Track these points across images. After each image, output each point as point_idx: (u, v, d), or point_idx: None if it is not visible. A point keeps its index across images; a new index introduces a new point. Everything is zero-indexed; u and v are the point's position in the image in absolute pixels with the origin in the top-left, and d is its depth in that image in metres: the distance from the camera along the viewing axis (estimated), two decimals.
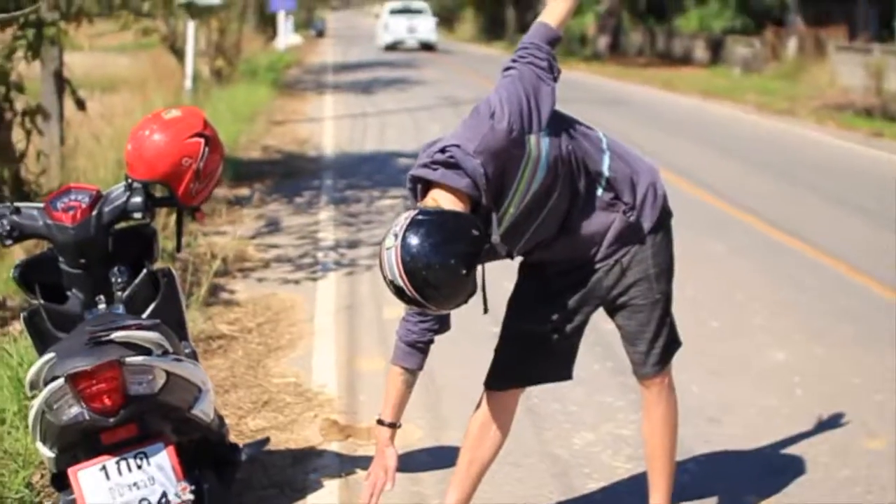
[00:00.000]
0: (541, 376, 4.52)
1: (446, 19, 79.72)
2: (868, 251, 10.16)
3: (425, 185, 3.94)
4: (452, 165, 3.86)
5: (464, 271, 3.68)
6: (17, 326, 7.04)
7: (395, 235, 3.65)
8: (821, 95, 25.31)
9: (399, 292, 3.68)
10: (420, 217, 3.69)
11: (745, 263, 9.84)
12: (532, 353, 4.39)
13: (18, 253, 8.00)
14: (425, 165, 3.92)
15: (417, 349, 4.28)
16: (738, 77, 32.28)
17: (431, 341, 4.29)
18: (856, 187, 13.92)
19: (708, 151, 17.16)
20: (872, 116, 21.66)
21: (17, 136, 9.83)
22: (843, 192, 13.48)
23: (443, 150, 3.88)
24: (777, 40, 34.67)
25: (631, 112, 22.83)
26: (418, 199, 3.95)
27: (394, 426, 4.39)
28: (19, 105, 9.89)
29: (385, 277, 3.70)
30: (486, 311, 3.99)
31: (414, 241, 3.62)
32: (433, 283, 3.65)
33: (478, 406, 4.50)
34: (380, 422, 4.40)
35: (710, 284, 9.13)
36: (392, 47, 49.83)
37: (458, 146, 3.87)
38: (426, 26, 50.75)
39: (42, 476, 5.06)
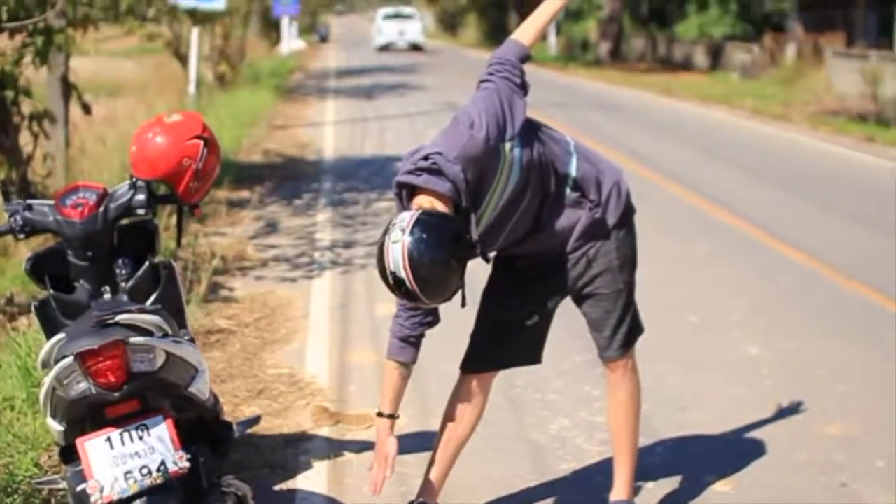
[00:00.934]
0: (512, 360, 4.88)
1: (449, 24, 79.99)
2: (846, 251, 10.47)
3: (410, 190, 4.30)
4: (435, 171, 4.22)
5: (457, 268, 4.09)
6: (24, 321, 7.39)
7: (403, 231, 4.00)
8: (817, 101, 25.63)
9: (398, 283, 4.03)
10: (425, 217, 4.05)
11: (727, 264, 10.17)
12: (504, 339, 4.76)
13: (23, 252, 8.35)
14: (410, 172, 4.28)
15: (410, 343, 4.61)
16: (736, 83, 32.54)
17: (422, 335, 4.62)
18: (841, 190, 14.25)
19: (699, 155, 17.49)
20: (866, 122, 21.92)
21: (25, 139, 10.13)
22: (829, 194, 13.81)
23: (426, 158, 4.24)
24: (776, 46, 34.98)
25: (627, 117, 23.16)
26: (404, 204, 4.31)
27: (392, 417, 4.70)
28: (27, 109, 10.18)
29: (386, 269, 4.04)
30: (463, 305, 4.33)
31: (422, 237, 3.98)
32: (432, 277, 4.02)
33: (455, 389, 4.85)
34: (379, 414, 4.72)
35: (692, 283, 9.48)
36: (385, 48, 55.39)
37: (440, 153, 4.23)
38: (414, 29, 57.21)
39: (49, 457, 5.40)
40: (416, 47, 56.18)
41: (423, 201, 4.22)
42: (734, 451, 5.87)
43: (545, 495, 5.35)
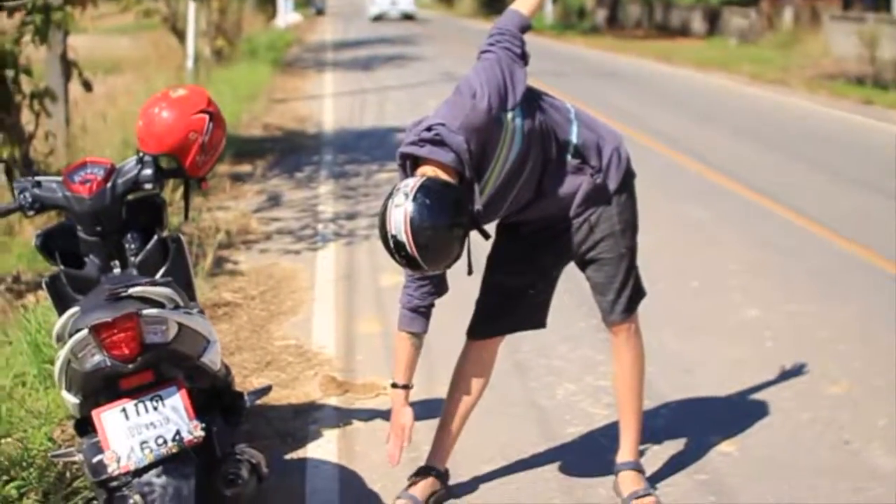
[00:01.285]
0: (517, 325, 4.96)
1: None
2: (846, 214, 10.54)
3: (414, 162, 4.35)
4: (438, 142, 4.26)
5: (458, 236, 4.13)
6: (32, 298, 7.45)
7: (406, 195, 4.04)
8: (814, 65, 25.63)
9: (399, 248, 4.07)
10: (429, 183, 4.09)
11: (727, 228, 10.23)
12: (509, 305, 4.83)
13: (28, 230, 8.41)
14: (413, 143, 4.32)
15: (420, 313, 4.67)
16: (734, 48, 32.50)
17: (432, 305, 4.68)
18: (841, 153, 14.30)
19: (698, 121, 17.52)
20: (864, 85, 21.91)
21: (26, 117, 10.18)
22: (829, 158, 13.86)
23: (429, 129, 4.29)
24: (773, 10, 34.86)
25: (626, 84, 23.18)
26: (408, 175, 4.35)
27: (407, 387, 4.78)
28: (27, 88, 10.22)
29: (387, 232, 4.08)
30: (469, 272, 4.39)
31: (424, 202, 4.02)
32: (432, 243, 4.06)
33: (461, 356, 4.93)
34: (394, 385, 4.80)
35: (693, 248, 9.54)
36: (378, 18, 56.94)
37: (443, 124, 4.28)
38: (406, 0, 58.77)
39: (63, 431, 5.48)
40: (408, 16, 57.53)
41: (428, 171, 4.26)
42: (738, 412, 5.94)
43: (553, 459, 5.42)
